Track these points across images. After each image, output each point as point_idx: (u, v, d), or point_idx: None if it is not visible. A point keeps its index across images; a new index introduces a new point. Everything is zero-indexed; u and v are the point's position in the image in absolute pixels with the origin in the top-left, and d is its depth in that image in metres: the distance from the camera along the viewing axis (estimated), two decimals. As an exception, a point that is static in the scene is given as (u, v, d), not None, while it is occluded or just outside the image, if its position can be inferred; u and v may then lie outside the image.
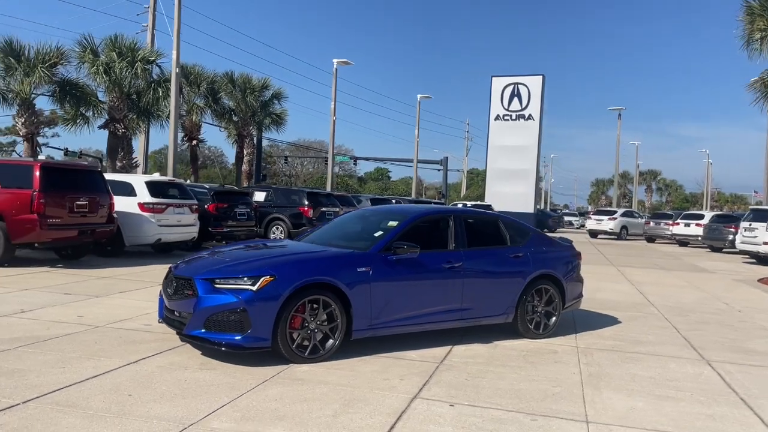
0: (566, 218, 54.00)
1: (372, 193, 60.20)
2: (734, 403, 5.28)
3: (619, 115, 51.43)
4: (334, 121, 30.07)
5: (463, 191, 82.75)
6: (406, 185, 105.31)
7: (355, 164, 79.71)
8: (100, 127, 22.97)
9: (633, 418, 4.77)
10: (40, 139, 31.65)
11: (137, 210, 13.73)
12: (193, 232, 14.87)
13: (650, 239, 34.90)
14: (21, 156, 23.92)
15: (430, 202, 29.46)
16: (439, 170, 72.73)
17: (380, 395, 4.98)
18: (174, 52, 20.27)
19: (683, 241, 31.55)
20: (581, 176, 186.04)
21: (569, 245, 8.11)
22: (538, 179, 44.33)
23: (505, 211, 40.27)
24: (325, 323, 5.92)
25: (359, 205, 24.96)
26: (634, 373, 6.04)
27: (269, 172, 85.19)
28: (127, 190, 14.05)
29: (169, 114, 24.87)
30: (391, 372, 5.66)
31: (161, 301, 6.27)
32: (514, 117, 42.31)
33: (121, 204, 13.78)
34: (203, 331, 5.63)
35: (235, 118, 29.11)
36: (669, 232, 32.56)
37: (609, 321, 8.83)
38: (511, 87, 42.44)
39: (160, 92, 22.52)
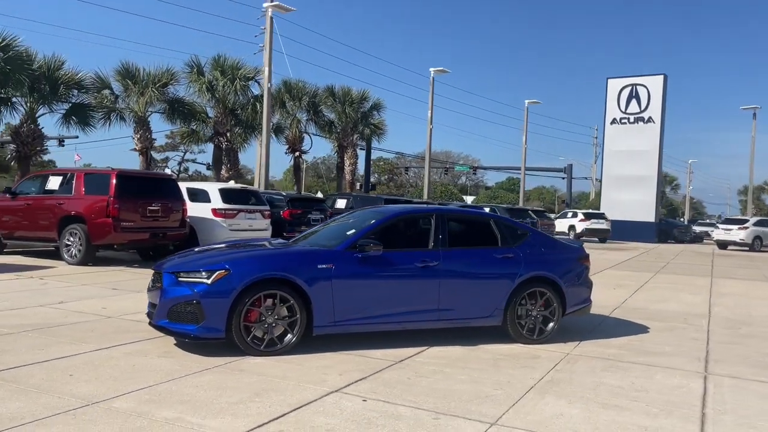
0: (700, 228, 49.59)
1: (479, 201, 59.23)
2: (687, 417, 4.77)
3: (754, 114, 46.85)
4: (431, 129, 30.23)
5: (591, 198, 79.38)
6: (539, 194, 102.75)
7: (474, 173, 79.17)
8: (206, 141, 24.71)
9: (551, 424, 4.48)
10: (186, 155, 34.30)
11: (210, 215, 14.68)
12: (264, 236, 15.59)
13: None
14: (173, 172, 26.47)
15: (480, 208, 28.55)
16: (563, 178, 70.48)
17: (301, 388, 5.04)
18: (266, 69, 21.42)
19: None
20: (734, 184, 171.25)
21: (576, 248, 7.67)
22: (661, 186, 41.52)
23: (623, 220, 38.23)
24: (286, 318, 6.08)
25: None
26: (603, 383, 5.62)
27: (397, 182, 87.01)
28: (203, 196, 15.07)
29: (269, 128, 26.35)
30: (339, 368, 5.69)
31: None
32: (632, 120, 40.16)
33: (198, 209, 14.80)
34: (167, 321, 5.99)
35: (336, 129, 30.08)
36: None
37: (635, 330, 8.21)
38: (629, 88, 40.34)
39: (258, 107, 23.80)
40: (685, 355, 6.87)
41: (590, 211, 38.43)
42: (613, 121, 40.58)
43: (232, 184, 16.87)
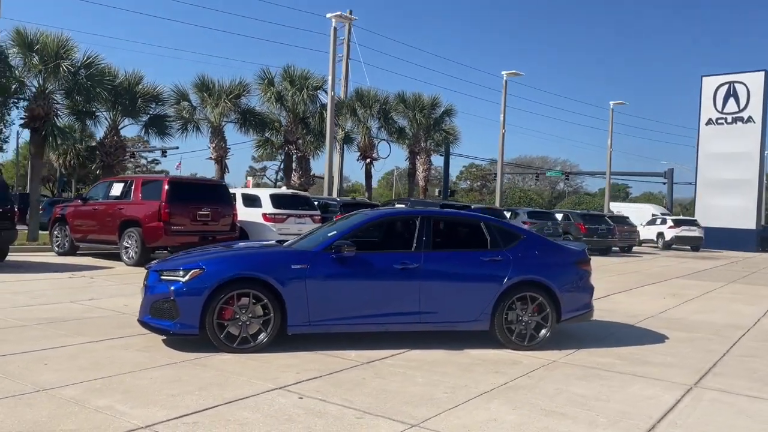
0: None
1: (564, 207, 57.36)
2: (631, 429, 4.48)
3: None
4: (503, 133, 29.62)
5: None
6: (646, 200, 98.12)
7: (567, 179, 76.85)
8: (277, 149, 25.55)
9: (476, 429, 4.35)
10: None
11: (261, 220, 15.21)
12: (315, 241, 15.94)
13: None
14: (281, 183, 27.78)
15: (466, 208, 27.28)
16: (664, 183, 67.18)
17: (248, 384, 5.16)
18: (330, 77, 21.92)
19: None
20: None
21: (575, 251, 7.34)
22: (763, 191, 38.59)
23: (719, 227, 35.83)
24: (261, 317, 6.23)
25: (516, 217, 24.35)
26: (567, 391, 5.37)
27: (490, 188, 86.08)
28: (256, 202, 15.63)
29: (341, 137, 26.90)
30: (302, 367, 5.77)
31: None
32: (729, 120, 37.70)
33: (251, 214, 15.39)
34: (149, 317, 6.31)
35: (407, 136, 30.22)
36: None
37: (650, 340, 7.75)
38: (726, 86, 37.90)
39: (326, 115, 24.37)
40: (686, 367, 6.42)
41: (681, 217, 36.32)
42: (709, 122, 38.22)
43: (283, 189, 17.39)
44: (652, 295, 12.50)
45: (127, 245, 13.75)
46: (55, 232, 15.81)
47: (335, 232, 6.80)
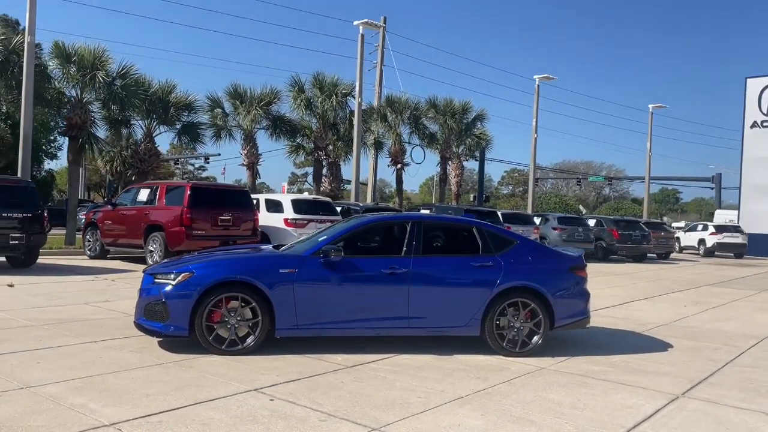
0: None
1: (601, 213, 56.24)
2: (595, 438, 4.41)
3: None
4: (535, 138, 29.27)
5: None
6: (697, 206, 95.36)
7: (611, 183, 75.45)
8: (308, 155, 25.84)
9: (436, 435, 4.35)
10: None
11: (282, 225, 15.43)
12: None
13: None
14: (312, 187, 28.27)
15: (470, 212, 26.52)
16: (712, 188, 65.33)
17: (224, 385, 5.27)
18: (357, 84, 22.09)
19: None
20: None
21: (570, 257, 7.22)
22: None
23: (764, 233, 34.52)
24: (250, 320, 6.35)
25: (546, 223, 24.06)
26: (544, 398, 5.31)
27: (536, 195, 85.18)
28: (278, 207, 15.87)
29: (371, 142, 27.06)
30: (284, 369, 5.85)
31: None
32: (775, 123, 36.35)
33: (273, 219, 15.63)
34: (143, 318, 6.49)
35: (438, 141, 30.17)
36: None
37: (651, 348, 7.58)
38: (772, 88, 36.55)
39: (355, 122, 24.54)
40: (680, 376, 6.25)
41: (723, 223, 35.20)
42: (753, 125, 37.01)
43: (305, 195, 17.58)
44: (674, 303, 12.19)
45: (152, 249, 14.13)
46: (88, 237, 16.37)
47: (326, 236, 6.87)
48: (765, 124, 36.56)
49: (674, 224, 46.77)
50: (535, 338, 6.80)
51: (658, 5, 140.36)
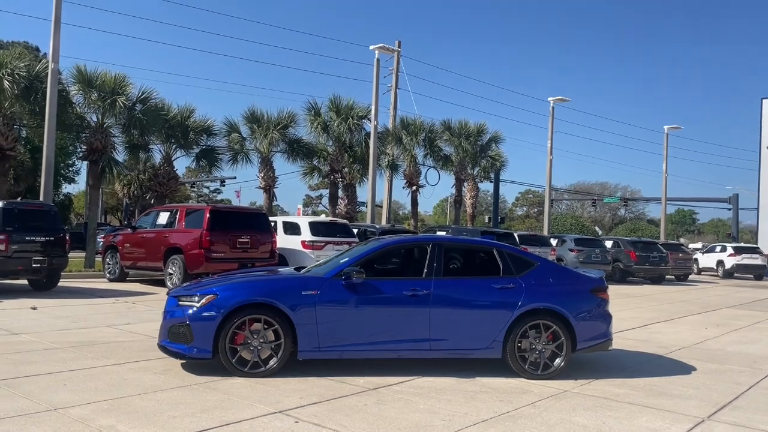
0: None
1: (618, 234, 55.81)
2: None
3: None
4: (550, 160, 29.28)
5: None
6: (714, 227, 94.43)
7: (626, 205, 75.05)
8: (324, 178, 26.01)
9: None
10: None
11: (300, 247, 15.51)
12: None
13: None
14: (327, 210, 28.51)
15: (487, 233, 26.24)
16: (729, 209, 64.83)
17: (250, 407, 5.30)
18: (373, 107, 22.30)
19: None
20: None
21: (591, 278, 7.20)
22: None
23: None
24: (272, 342, 6.39)
25: (563, 244, 23.96)
26: (569, 421, 5.29)
27: (551, 216, 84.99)
28: (296, 229, 15.97)
29: (387, 164, 27.21)
30: (307, 391, 5.87)
31: None
32: (793, 144, 36.10)
33: (291, 242, 15.72)
34: (168, 341, 6.55)
35: (453, 163, 30.27)
36: None
37: (675, 371, 7.51)
38: (789, 109, 36.37)
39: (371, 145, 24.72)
40: (705, 400, 6.20)
41: (742, 245, 34.83)
42: (771, 146, 36.78)
43: (323, 217, 17.67)
44: (695, 325, 12.07)
45: (171, 272, 14.24)
46: (107, 260, 16.53)
47: (347, 258, 6.93)
48: (782, 144, 36.34)
49: (691, 245, 46.42)
50: (558, 360, 6.78)
51: (674, 28, 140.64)
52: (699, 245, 51.65)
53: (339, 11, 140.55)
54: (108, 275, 16.36)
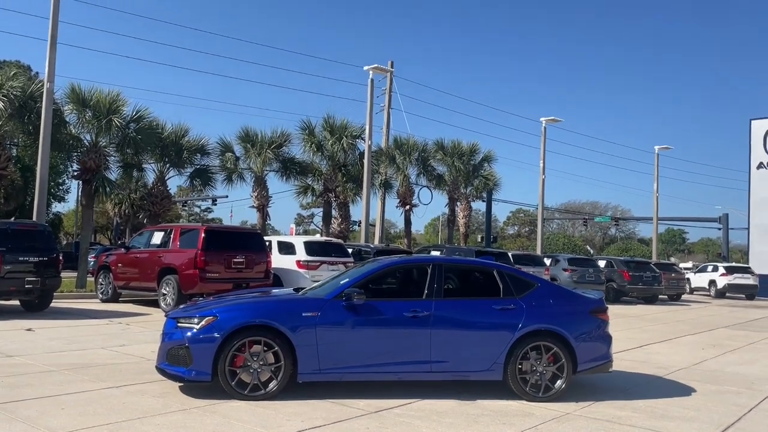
0: None
1: (610, 254, 56.00)
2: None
3: None
4: (543, 179, 29.43)
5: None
6: (704, 246, 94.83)
7: (617, 224, 75.46)
8: (318, 197, 26.01)
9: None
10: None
11: (295, 267, 15.45)
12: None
13: None
14: (320, 229, 28.49)
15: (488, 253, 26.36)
16: (719, 229, 65.19)
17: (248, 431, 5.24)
18: (367, 127, 22.41)
19: None
20: None
21: (591, 300, 7.21)
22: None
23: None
24: (272, 364, 6.33)
25: (556, 264, 23.98)
26: (574, 444, 5.25)
27: (544, 235, 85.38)
28: (290, 249, 15.91)
29: (380, 183, 27.26)
30: (309, 414, 5.81)
31: None
32: (781, 164, 36.51)
33: (285, 261, 15.65)
34: (166, 363, 6.48)
35: (446, 182, 30.37)
36: None
37: (675, 392, 7.49)
38: (777, 130, 36.84)
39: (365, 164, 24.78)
40: (706, 422, 6.18)
41: (733, 264, 35.03)
42: (760, 166, 37.18)
43: (317, 237, 17.64)
44: (691, 346, 12.07)
45: (165, 292, 14.13)
46: (100, 280, 16.37)
47: (347, 279, 6.90)
48: (771, 165, 36.70)
49: (681, 264, 46.63)
50: (559, 382, 6.75)
51: (664, 48, 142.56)
52: (689, 264, 51.87)
53: (332, 32, 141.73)
54: (100, 296, 16.20)
